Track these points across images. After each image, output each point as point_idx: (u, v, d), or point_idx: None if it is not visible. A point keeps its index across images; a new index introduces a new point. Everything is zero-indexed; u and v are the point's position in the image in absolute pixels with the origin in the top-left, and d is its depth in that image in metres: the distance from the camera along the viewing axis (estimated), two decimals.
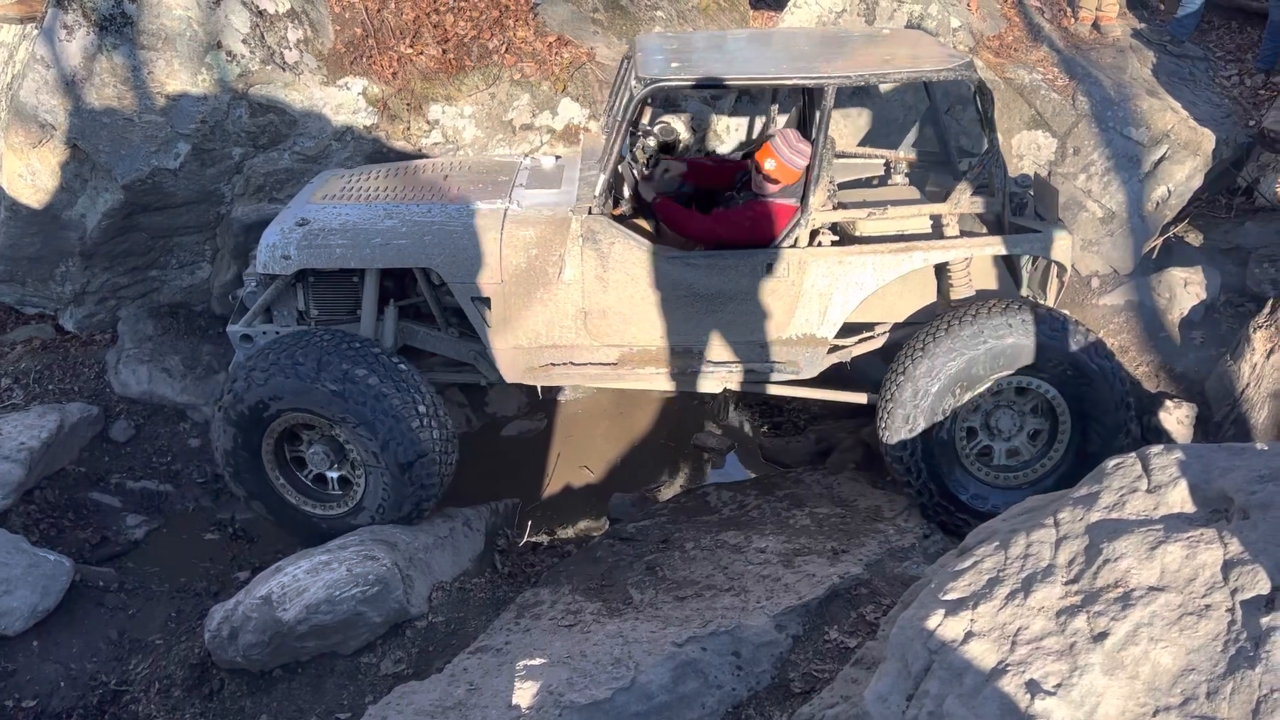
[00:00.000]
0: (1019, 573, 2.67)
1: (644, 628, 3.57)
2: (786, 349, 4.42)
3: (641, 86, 4.05)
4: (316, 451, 4.33)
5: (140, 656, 4.22)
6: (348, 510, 4.39)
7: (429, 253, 4.30)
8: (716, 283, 4.28)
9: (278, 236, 4.38)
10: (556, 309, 4.34)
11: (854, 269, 4.28)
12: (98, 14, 4.93)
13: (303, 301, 4.57)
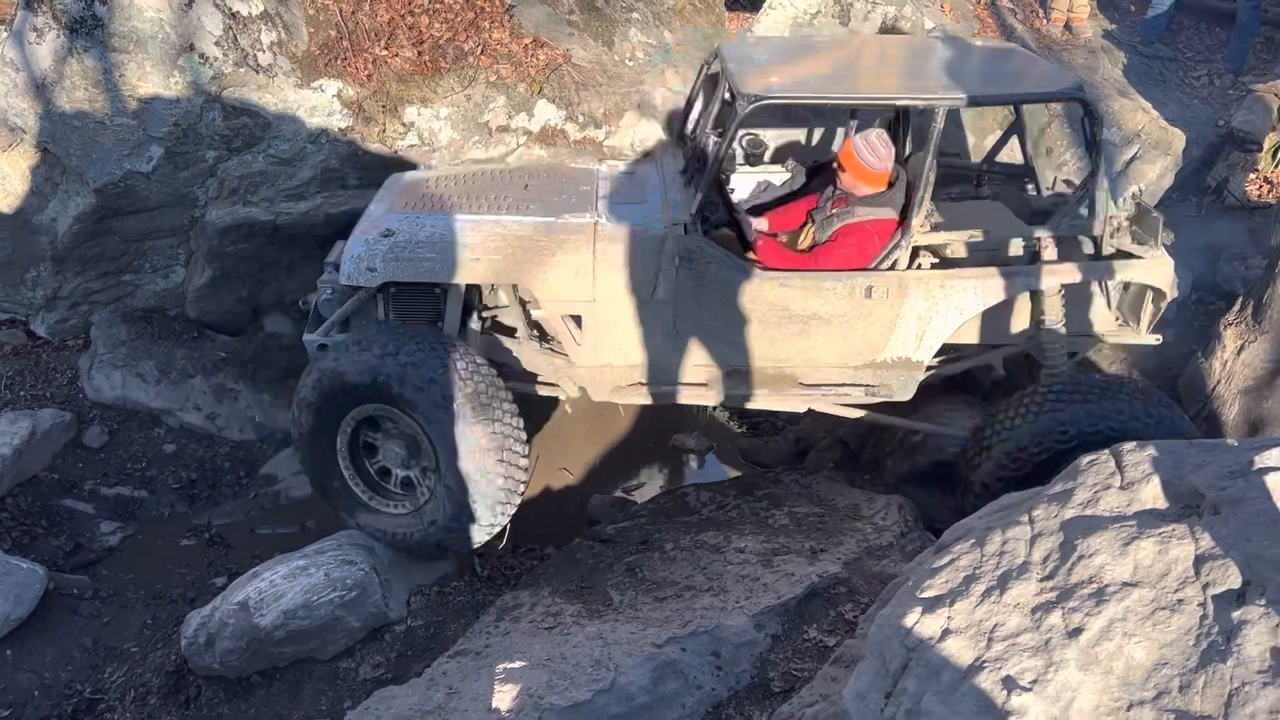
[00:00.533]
0: (995, 570, 2.70)
1: (624, 629, 3.58)
2: (880, 372, 4.31)
3: (747, 103, 3.91)
4: (390, 448, 4.16)
5: (115, 664, 4.18)
6: (409, 511, 4.18)
7: (520, 268, 4.18)
8: (813, 304, 4.15)
9: (363, 248, 4.21)
10: (648, 328, 4.24)
11: (955, 293, 4.14)
12: (68, 16, 4.88)
13: (383, 311, 4.43)
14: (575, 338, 4.29)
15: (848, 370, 4.32)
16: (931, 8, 6.66)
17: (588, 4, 6.48)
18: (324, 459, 4.13)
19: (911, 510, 4.46)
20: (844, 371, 4.33)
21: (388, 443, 4.14)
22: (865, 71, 4.50)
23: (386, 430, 4.13)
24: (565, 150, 6.09)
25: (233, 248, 5.66)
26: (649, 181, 4.63)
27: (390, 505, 4.19)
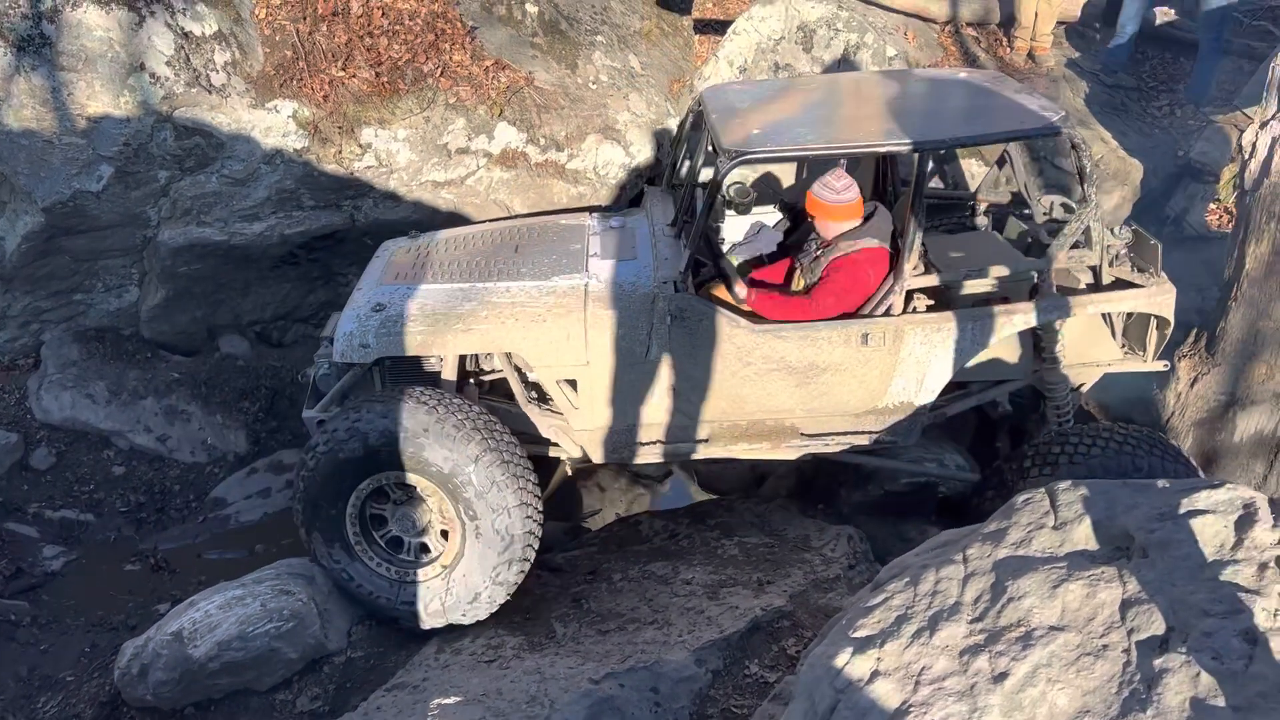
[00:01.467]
0: (927, 610, 2.66)
1: (563, 663, 3.52)
2: (883, 418, 4.28)
3: (729, 160, 3.93)
4: (405, 514, 4.04)
5: (50, 694, 4.07)
6: (435, 576, 4.04)
7: (512, 337, 4.16)
8: (809, 354, 4.13)
9: (354, 325, 4.20)
10: (644, 388, 4.21)
11: (953, 334, 4.11)
12: (15, 34, 4.82)
13: (379, 384, 4.41)
14: (571, 402, 4.26)
15: (849, 418, 4.28)
16: (895, 35, 6.69)
17: (551, 27, 6.48)
18: (331, 531, 3.99)
19: (862, 541, 4.43)
20: (846, 420, 4.29)
21: (400, 510, 4.04)
22: (845, 119, 4.47)
23: (395, 499, 4.04)
24: (526, 173, 6.06)
25: (186, 268, 5.60)
26: (639, 234, 4.60)
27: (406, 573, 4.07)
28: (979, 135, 4.16)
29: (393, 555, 4.04)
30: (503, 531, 3.86)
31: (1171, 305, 4.24)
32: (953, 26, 7.20)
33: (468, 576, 3.93)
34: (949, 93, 4.65)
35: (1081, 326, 4.43)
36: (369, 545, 4.01)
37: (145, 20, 5.01)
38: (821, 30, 6.48)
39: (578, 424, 4.31)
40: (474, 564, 3.91)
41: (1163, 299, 4.22)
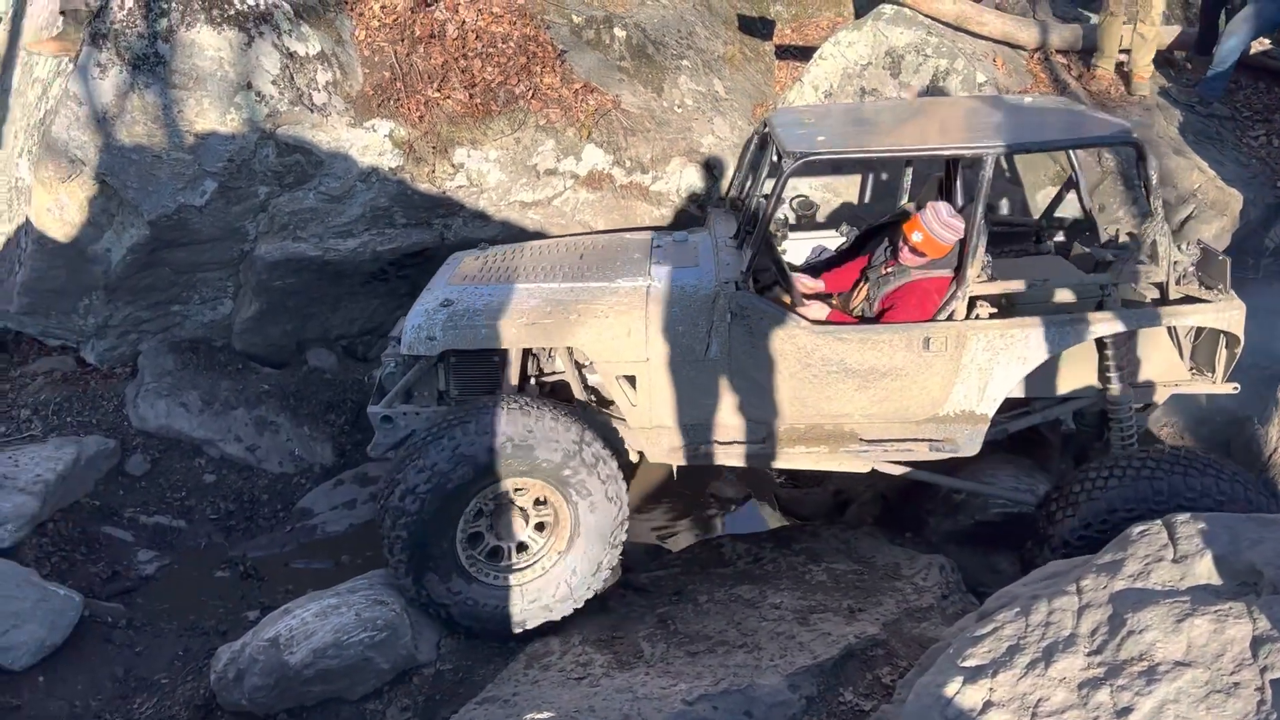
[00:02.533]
0: (1040, 641, 2.61)
1: (654, 683, 3.51)
2: (943, 426, 4.21)
3: (792, 161, 3.95)
4: (501, 523, 4.11)
5: (145, 695, 4.17)
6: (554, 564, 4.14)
7: (574, 331, 4.20)
8: (870, 358, 4.09)
9: (422, 319, 4.28)
10: (703, 387, 4.22)
11: (1016, 342, 4.04)
12: (132, 53, 5.00)
13: (443, 381, 4.47)
14: (630, 399, 4.27)
15: (909, 425, 4.22)
16: (984, 62, 6.63)
17: (638, 51, 6.54)
18: (447, 564, 4.02)
19: (953, 571, 4.35)
20: (905, 427, 4.23)
21: (492, 521, 4.10)
22: (911, 128, 4.48)
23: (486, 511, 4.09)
24: (611, 194, 6.12)
25: (280, 282, 5.73)
26: (702, 247, 4.65)
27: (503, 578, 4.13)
28: (1046, 141, 4.15)
29: (497, 565, 4.09)
30: (615, 497, 4.06)
31: (1241, 322, 4.12)
32: (1042, 53, 7.11)
33: (587, 551, 4.06)
34: (1019, 108, 4.63)
35: (1147, 344, 4.32)
36: (481, 563, 4.06)
37: (254, 41, 5.17)
38: (910, 56, 6.45)
39: (635, 422, 4.31)
40: (592, 537, 4.07)
41: (1231, 314, 4.11)
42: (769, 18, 8.13)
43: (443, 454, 3.89)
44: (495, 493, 3.98)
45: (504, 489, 3.98)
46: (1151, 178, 4.09)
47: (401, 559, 3.94)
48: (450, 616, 4.04)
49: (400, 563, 3.95)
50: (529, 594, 4.07)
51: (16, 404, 5.72)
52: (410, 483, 3.90)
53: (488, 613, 4.05)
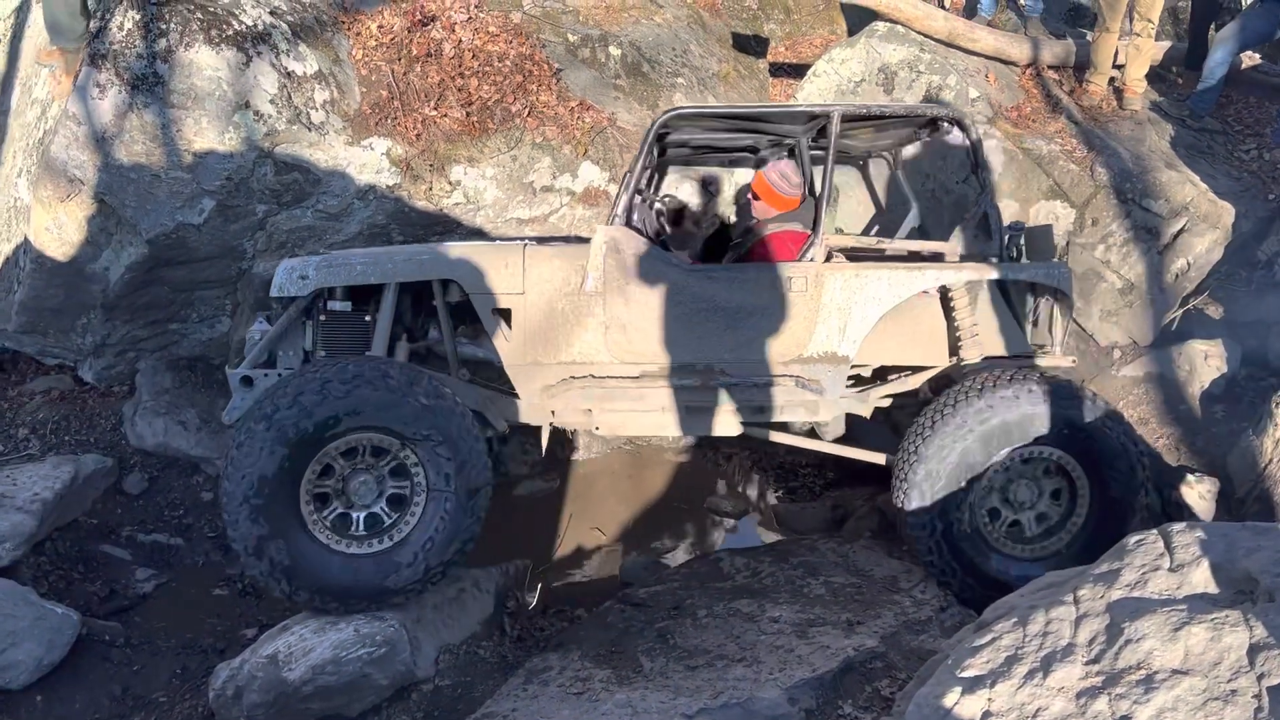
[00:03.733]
0: (1038, 651, 2.62)
1: (653, 698, 3.50)
2: (808, 367, 4.39)
3: (662, 113, 4.37)
4: (363, 482, 3.98)
5: (144, 714, 4.16)
6: (390, 546, 3.96)
7: (451, 265, 4.31)
8: (737, 297, 4.31)
9: (297, 261, 4.40)
10: (577, 322, 4.31)
11: (870, 283, 4.34)
12: (130, 73, 5.03)
13: (310, 340, 4.47)
14: (505, 334, 4.33)
15: (776, 365, 4.40)
16: (976, 78, 6.68)
17: (633, 69, 6.59)
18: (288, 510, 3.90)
19: None
20: (773, 366, 4.40)
21: (355, 478, 3.99)
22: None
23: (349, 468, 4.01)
24: (608, 210, 6.14)
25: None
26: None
27: (364, 545, 3.99)
28: (875, 110, 4.62)
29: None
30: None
31: (1070, 281, 4.54)
32: (1034, 69, 7.18)
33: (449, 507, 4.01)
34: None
35: (992, 317, 4.61)
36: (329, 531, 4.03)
37: (252, 60, 5.21)
38: (903, 73, 6.51)
39: (510, 358, 4.36)
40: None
41: (1061, 274, 4.51)
42: (763, 35, 8.20)
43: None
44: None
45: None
46: (979, 155, 4.50)
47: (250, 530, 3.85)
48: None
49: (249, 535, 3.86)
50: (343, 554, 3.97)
51: (14, 423, 5.73)
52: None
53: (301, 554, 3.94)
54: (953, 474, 4.16)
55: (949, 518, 4.18)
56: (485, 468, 4.03)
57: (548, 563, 5.59)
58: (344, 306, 4.41)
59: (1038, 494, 4.33)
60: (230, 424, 4.42)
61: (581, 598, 5.10)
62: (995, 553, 4.27)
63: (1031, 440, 4.17)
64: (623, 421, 4.48)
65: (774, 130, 5.13)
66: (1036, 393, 4.15)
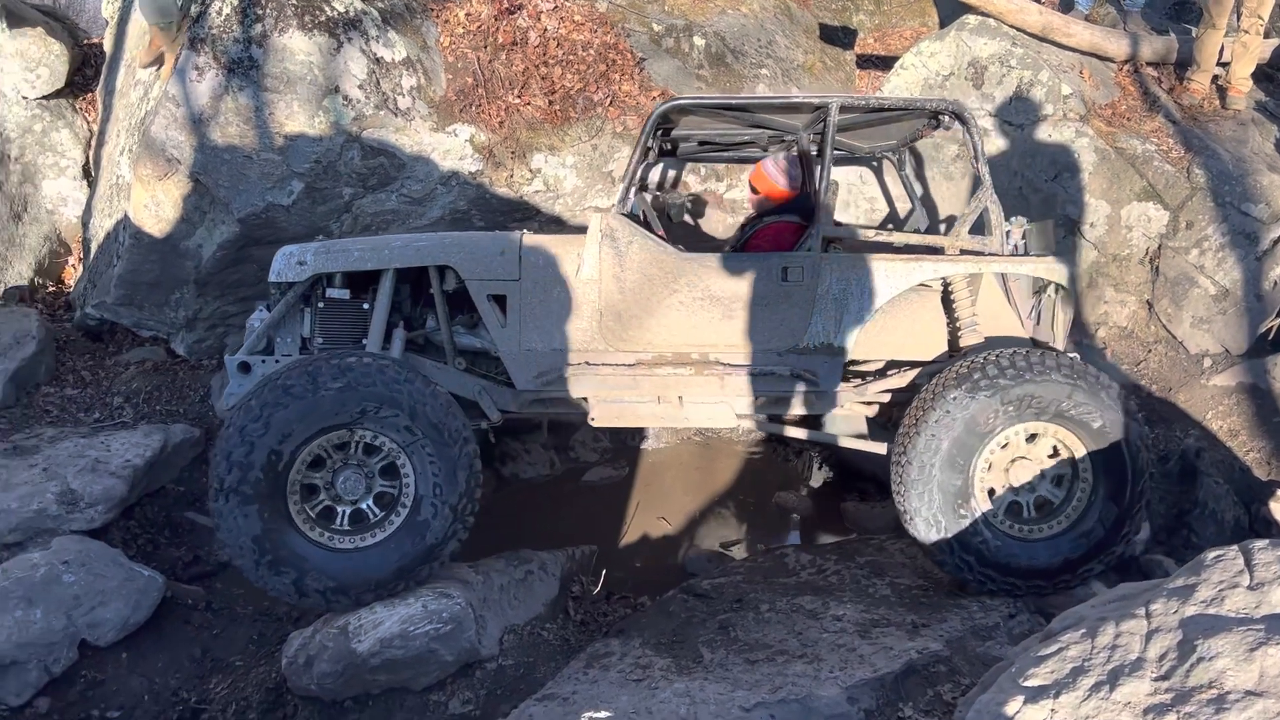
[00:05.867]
0: (1105, 663, 2.56)
1: (712, 689, 3.52)
2: (804, 358, 4.36)
3: (660, 104, 4.40)
4: (348, 478, 3.99)
5: (220, 676, 4.31)
6: (404, 518, 3.98)
7: (448, 251, 4.34)
8: (733, 286, 4.30)
9: (296, 247, 4.44)
10: (573, 309, 4.33)
11: (867, 274, 4.31)
12: (227, 57, 5.20)
13: (308, 327, 4.49)
14: (499, 320, 4.33)
15: (772, 355, 4.36)
16: (1070, 74, 6.50)
17: (717, 59, 6.57)
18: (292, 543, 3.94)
19: None
20: (769, 356, 4.36)
21: (343, 473, 4.01)
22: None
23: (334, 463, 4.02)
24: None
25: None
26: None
27: (372, 534, 4.03)
28: (880, 100, 4.59)
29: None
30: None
31: (1066, 275, 4.47)
32: (1131, 65, 6.95)
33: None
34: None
35: (991, 306, 4.55)
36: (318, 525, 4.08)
37: (343, 46, 5.34)
38: (993, 67, 6.36)
39: (504, 345, 4.35)
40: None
41: (1059, 268, 4.45)
42: (851, 27, 8.09)
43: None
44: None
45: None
46: (978, 145, 4.43)
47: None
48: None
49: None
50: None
51: (110, 391, 5.96)
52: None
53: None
54: (946, 459, 4.07)
55: (949, 508, 4.10)
56: (435, 396, 3.98)
57: (614, 549, 5.64)
58: (342, 294, 4.43)
59: (1039, 477, 4.20)
60: (225, 409, 4.37)
61: (644, 586, 5.14)
62: (990, 530, 4.15)
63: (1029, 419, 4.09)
64: (618, 412, 4.46)
65: (774, 122, 5.08)
66: (1066, 371, 4.05)
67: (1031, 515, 4.19)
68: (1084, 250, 6.26)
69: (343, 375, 3.87)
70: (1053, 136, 6.23)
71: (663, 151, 5.52)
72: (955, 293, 4.45)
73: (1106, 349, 6.27)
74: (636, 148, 4.39)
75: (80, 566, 4.26)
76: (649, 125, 4.35)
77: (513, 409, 4.51)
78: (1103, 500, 4.10)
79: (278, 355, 4.44)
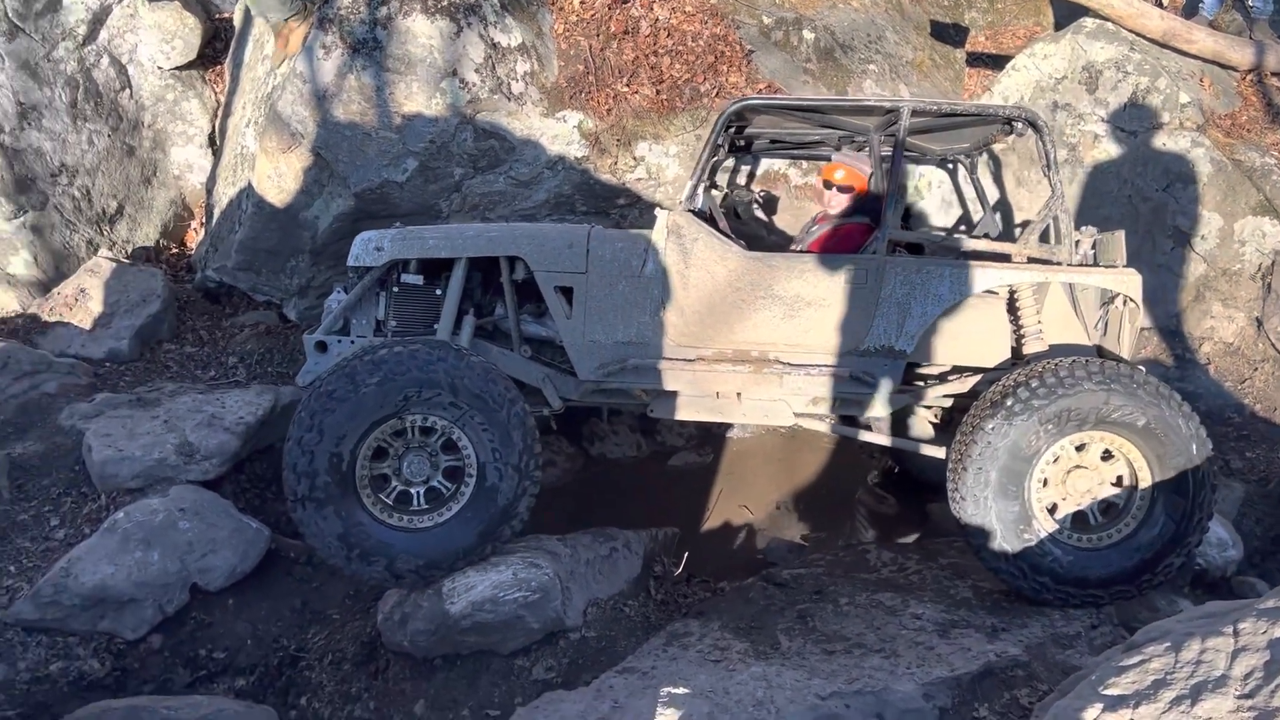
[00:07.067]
0: (1189, 678, 2.57)
1: (789, 675, 3.60)
2: (864, 361, 4.37)
3: (731, 103, 4.42)
4: (412, 461, 4.12)
5: (318, 627, 4.52)
6: (474, 487, 4.10)
7: (518, 242, 4.46)
8: (796, 286, 4.33)
9: (374, 233, 4.61)
10: (637, 303, 4.40)
11: (932, 279, 4.31)
12: (353, 37, 5.42)
13: (382, 310, 4.66)
14: (565, 311, 4.43)
15: (832, 356, 4.38)
16: (1189, 81, 6.35)
17: (825, 54, 6.58)
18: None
19: None
20: (829, 357, 4.39)
21: (407, 457, 4.14)
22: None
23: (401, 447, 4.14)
24: (786, 194, 6.19)
25: None
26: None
27: (439, 513, 4.16)
28: (952, 106, 4.60)
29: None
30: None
31: (1138, 288, 4.39)
32: (1255, 75, 6.75)
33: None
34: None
35: (1056, 315, 4.51)
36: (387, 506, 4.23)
37: (462, 30, 5.52)
38: (1109, 72, 6.25)
39: (569, 336, 4.44)
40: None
41: (1129, 281, 4.39)
42: (963, 24, 7.99)
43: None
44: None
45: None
46: (1053, 156, 4.41)
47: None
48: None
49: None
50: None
51: (225, 351, 6.28)
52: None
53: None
54: (1003, 472, 4.02)
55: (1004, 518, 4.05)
56: (488, 369, 4.09)
57: (695, 533, 5.73)
58: (416, 279, 4.59)
59: (1098, 482, 4.13)
60: (303, 386, 4.68)
61: (724, 571, 5.23)
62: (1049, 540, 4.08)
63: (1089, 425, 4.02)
64: (676, 405, 4.53)
65: (846, 123, 5.09)
66: (1098, 377, 3.98)
67: (1098, 521, 4.13)
68: (1192, 263, 6.12)
69: (378, 369, 3.97)
70: (1167, 145, 6.09)
71: (734, 148, 5.56)
72: (1021, 300, 4.43)
73: (1210, 364, 6.13)
74: (706, 145, 4.43)
75: (195, 515, 4.52)
76: (719, 123, 4.41)
77: (574, 397, 4.64)
78: (1166, 495, 4.03)
79: (353, 336, 4.65)
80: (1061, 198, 4.42)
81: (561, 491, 6.03)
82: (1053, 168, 4.42)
